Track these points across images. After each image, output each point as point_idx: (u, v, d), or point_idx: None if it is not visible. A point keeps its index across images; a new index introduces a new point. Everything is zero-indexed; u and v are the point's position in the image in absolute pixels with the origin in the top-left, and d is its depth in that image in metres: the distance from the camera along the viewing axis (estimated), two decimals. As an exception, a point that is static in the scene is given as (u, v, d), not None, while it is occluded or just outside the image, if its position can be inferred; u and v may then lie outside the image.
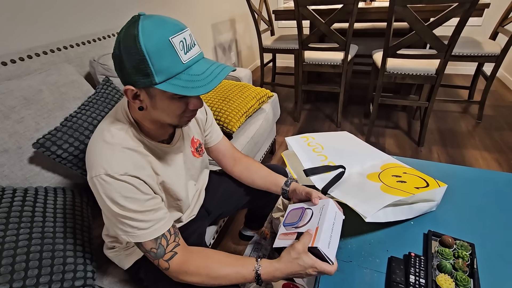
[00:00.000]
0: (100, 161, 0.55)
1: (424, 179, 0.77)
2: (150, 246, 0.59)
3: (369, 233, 0.73)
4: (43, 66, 1.03)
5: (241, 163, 0.90)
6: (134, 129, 0.61)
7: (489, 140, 1.90)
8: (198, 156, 0.83)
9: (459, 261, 0.61)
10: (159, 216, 0.60)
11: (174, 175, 0.71)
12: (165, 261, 0.59)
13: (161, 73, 0.48)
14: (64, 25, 1.23)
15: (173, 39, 0.48)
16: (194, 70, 0.51)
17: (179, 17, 2.05)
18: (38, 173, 0.86)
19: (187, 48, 0.50)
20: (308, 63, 2.07)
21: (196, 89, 0.49)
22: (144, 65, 0.48)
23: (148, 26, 0.48)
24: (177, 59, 0.49)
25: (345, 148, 0.96)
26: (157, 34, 0.47)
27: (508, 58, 2.65)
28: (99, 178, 0.54)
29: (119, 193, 0.55)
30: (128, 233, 0.57)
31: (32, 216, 0.71)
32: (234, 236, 1.36)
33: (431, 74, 1.68)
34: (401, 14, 1.51)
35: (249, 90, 1.47)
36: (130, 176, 0.56)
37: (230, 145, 0.93)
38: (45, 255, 0.65)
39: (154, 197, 0.61)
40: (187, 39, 0.51)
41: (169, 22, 0.50)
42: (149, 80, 0.49)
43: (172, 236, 0.62)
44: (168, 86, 0.49)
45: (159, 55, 0.48)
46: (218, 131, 0.90)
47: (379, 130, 2.12)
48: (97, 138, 0.58)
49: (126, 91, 0.53)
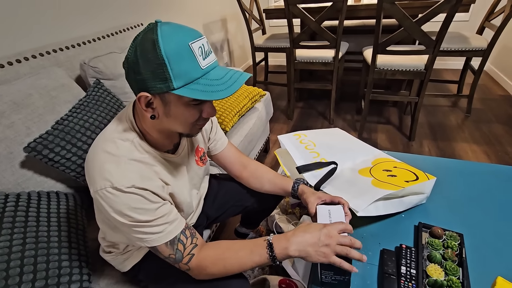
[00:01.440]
0: (104, 174, 0.53)
1: (414, 172, 0.79)
2: (167, 252, 0.58)
3: (362, 227, 0.75)
4: (33, 70, 1.02)
5: (249, 168, 0.89)
6: (140, 139, 0.59)
7: (478, 132, 1.95)
8: (202, 165, 0.82)
9: (448, 251, 0.63)
10: (171, 218, 0.59)
11: (180, 185, 0.70)
12: (184, 264, 0.59)
13: (179, 77, 0.48)
14: (53, 28, 1.21)
15: (192, 44, 0.48)
16: (212, 75, 0.51)
17: (170, 18, 2.03)
18: (31, 178, 0.85)
19: (205, 55, 0.51)
20: (299, 61, 2.09)
21: (216, 93, 0.49)
22: (162, 70, 0.47)
23: (167, 31, 0.48)
24: (196, 64, 0.49)
25: (337, 144, 0.98)
26: (177, 39, 0.48)
27: (495, 52, 2.71)
28: (105, 191, 0.52)
29: (127, 205, 0.53)
30: (143, 240, 0.57)
31: (26, 221, 0.70)
32: (230, 235, 1.37)
33: (420, 70, 1.71)
34: (389, 11, 1.53)
35: (242, 89, 1.48)
36: (137, 188, 0.54)
37: (236, 150, 0.91)
38: (39, 259, 0.65)
39: (164, 203, 0.60)
40: (205, 46, 0.51)
41: (187, 29, 0.50)
42: (167, 85, 0.48)
43: (188, 238, 0.61)
44: (186, 91, 0.49)
45: (179, 59, 0.47)
46: (223, 138, 0.88)
47: (371, 125, 2.15)
48: (100, 149, 0.56)
49: (140, 98, 0.51)
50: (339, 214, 0.63)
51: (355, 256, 0.54)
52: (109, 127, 0.60)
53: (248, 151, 1.44)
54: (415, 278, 0.59)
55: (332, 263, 0.54)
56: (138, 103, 0.53)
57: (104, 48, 1.30)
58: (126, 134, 0.58)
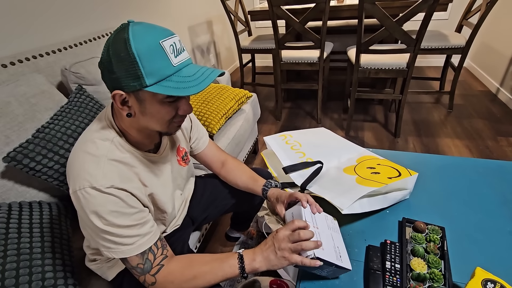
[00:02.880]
0: (84, 173, 0.53)
1: (397, 169, 0.81)
2: (136, 262, 0.57)
3: (348, 224, 0.76)
4: (11, 77, 0.99)
5: (226, 166, 0.90)
6: (120, 138, 0.59)
7: (460, 128, 2.00)
8: (184, 165, 0.82)
9: (430, 245, 0.65)
10: (145, 231, 0.58)
11: (162, 186, 0.69)
12: (151, 276, 0.58)
13: (151, 75, 0.49)
14: (33, 33, 1.19)
15: (163, 43, 0.49)
16: (184, 72, 0.52)
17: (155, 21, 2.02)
18: (11, 188, 0.83)
19: (177, 52, 0.51)
20: (285, 62, 2.10)
21: (187, 89, 0.50)
22: (134, 68, 0.48)
23: (139, 30, 0.49)
24: (168, 62, 0.50)
25: (323, 144, 0.99)
26: (148, 38, 0.48)
27: (474, 49, 2.80)
28: (83, 192, 0.52)
29: (104, 207, 0.53)
30: (110, 249, 0.55)
31: (6, 233, 0.68)
32: (221, 238, 1.36)
33: (403, 68, 1.75)
34: (370, 11, 1.56)
35: (228, 91, 1.48)
36: (116, 189, 0.54)
37: (216, 148, 0.92)
38: (21, 272, 0.63)
39: (142, 210, 0.60)
40: (176, 44, 0.52)
41: (159, 28, 0.51)
42: (139, 83, 0.49)
43: (159, 249, 0.60)
44: (159, 88, 0.49)
45: (150, 57, 0.48)
46: (205, 136, 0.89)
47: (358, 124, 2.18)
48: (80, 149, 0.56)
49: (114, 96, 0.52)
50: (298, 213, 0.64)
51: (310, 247, 0.55)
52: (89, 128, 0.61)
53: (236, 153, 1.44)
54: (400, 273, 0.60)
55: (295, 263, 0.55)
56: (114, 101, 0.53)
57: (86, 53, 1.28)
58: (106, 134, 0.58)
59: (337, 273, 0.61)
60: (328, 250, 0.58)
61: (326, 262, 0.56)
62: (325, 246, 0.58)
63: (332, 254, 0.58)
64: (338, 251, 0.60)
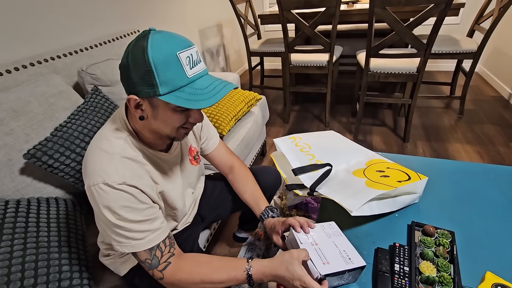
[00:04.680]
0: (98, 170, 0.55)
1: (406, 173, 0.81)
2: (144, 256, 0.59)
3: (356, 226, 0.76)
4: (31, 77, 1.03)
5: (234, 173, 0.91)
6: (132, 138, 0.62)
7: (471, 133, 1.98)
8: (195, 164, 0.84)
9: (440, 249, 0.65)
10: (155, 227, 0.61)
11: (172, 184, 0.71)
12: (159, 271, 0.60)
13: (165, 84, 0.51)
14: (50, 36, 1.23)
15: (180, 54, 0.51)
16: (198, 84, 0.54)
17: (167, 25, 2.06)
18: (30, 184, 0.86)
19: (193, 64, 0.53)
20: (294, 65, 2.12)
21: (198, 102, 0.51)
22: (149, 76, 0.50)
23: (157, 40, 0.50)
24: (182, 73, 0.51)
25: (332, 146, 1.00)
26: (165, 48, 0.50)
27: (486, 54, 2.76)
28: (97, 187, 0.54)
29: (117, 203, 0.55)
30: (121, 243, 0.58)
31: (26, 227, 0.71)
32: (228, 238, 1.38)
33: (413, 72, 1.74)
34: (381, 15, 1.56)
35: (238, 94, 1.50)
36: (128, 185, 0.56)
37: (226, 151, 0.92)
38: (40, 264, 0.66)
39: (152, 206, 0.62)
40: (193, 55, 0.53)
41: (178, 38, 0.53)
42: (153, 90, 0.51)
43: (167, 247, 0.62)
44: (171, 98, 0.51)
45: (165, 67, 0.50)
46: (215, 137, 0.90)
47: (366, 128, 2.17)
48: (95, 147, 0.59)
49: (129, 99, 0.54)
50: (294, 240, 0.65)
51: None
52: (104, 127, 0.63)
53: (245, 155, 1.45)
54: (408, 275, 0.61)
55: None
56: (128, 104, 0.56)
57: (101, 55, 1.32)
58: (120, 133, 0.61)
59: (356, 274, 0.61)
60: (334, 260, 0.58)
61: (337, 273, 0.56)
62: (330, 258, 0.59)
63: (339, 262, 0.58)
64: (346, 254, 0.60)
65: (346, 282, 0.62)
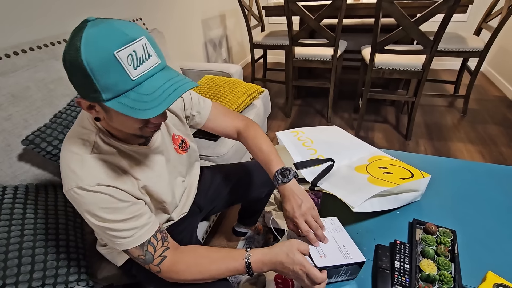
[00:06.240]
0: (70, 173, 0.53)
1: (409, 170, 0.80)
2: (137, 253, 0.58)
3: (357, 222, 0.76)
4: (30, 62, 1.01)
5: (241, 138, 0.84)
6: (103, 135, 0.57)
7: (474, 133, 1.97)
8: (182, 152, 0.80)
9: (441, 247, 0.64)
10: (141, 223, 0.58)
11: (156, 177, 0.68)
12: (155, 266, 0.59)
13: (107, 90, 0.44)
14: (51, 21, 1.21)
15: (119, 53, 0.43)
16: (144, 87, 0.46)
17: (170, 12, 2.01)
18: (28, 170, 0.85)
19: (138, 62, 0.45)
20: (298, 59, 2.09)
21: (143, 111, 0.44)
22: (89, 81, 0.43)
23: (92, 36, 0.42)
24: (125, 76, 0.44)
25: (334, 141, 0.98)
26: (101, 47, 0.42)
27: (492, 53, 2.73)
28: (72, 192, 0.52)
29: (95, 205, 0.53)
30: (111, 242, 0.57)
31: (24, 213, 0.71)
32: (227, 231, 1.38)
33: (418, 69, 1.72)
34: (388, 10, 1.53)
35: (240, 86, 1.48)
36: (103, 185, 0.53)
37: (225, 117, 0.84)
38: (37, 251, 0.66)
39: (135, 203, 0.59)
40: (138, 52, 0.45)
41: (117, 32, 0.44)
42: (97, 96, 0.45)
43: (159, 241, 0.60)
44: (116, 105, 0.45)
45: (104, 72, 0.43)
46: (203, 110, 0.82)
47: (368, 124, 2.16)
48: (66, 148, 0.55)
49: (79, 103, 0.49)
50: (295, 237, 0.65)
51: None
52: (74, 126, 0.59)
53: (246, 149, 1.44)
54: (409, 273, 0.60)
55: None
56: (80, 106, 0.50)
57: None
58: (89, 132, 0.57)
59: (355, 270, 0.61)
60: (331, 255, 0.58)
61: (334, 267, 0.56)
62: (327, 252, 0.58)
63: (337, 257, 0.58)
64: (345, 249, 0.60)
65: (345, 278, 0.62)
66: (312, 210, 0.66)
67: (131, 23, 0.47)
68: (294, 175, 0.71)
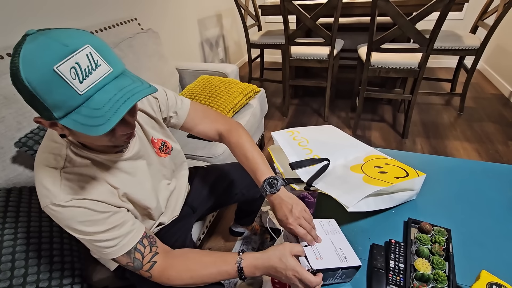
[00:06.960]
0: (43, 190, 0.51)
1: (404, 169, 0.80)
2: (125, 261, 0.57)
3: (352, 222, 0.76)
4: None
5: (225, 142, 0.81)
6: (74, 148, 0.55)
7: (470, 131, 1.97)
8: (164, 155, 0.78)
9: (435, 246, 0.64)
10: (125, 231, 0.57)
11: (137, 183, 0.66)
12: (145, 272, 0.58)
13: (57, 108, 0.41)
14: (44, 22, 1.20)
15: (59, 68, 0.39)
16: (95, 101, 0.42)
17: (165, 13, 2.00)
18: (21, 173, 0.85)
19: (83, 74, 0.41)
20: (295, 58, 2.09)
21: (96, 128, 0.41)
22: (37, 100, 0.40)
23: (29, 53, 0.39)
24: (71, 91, 0.40)
25: (330, 141, 0.98)
26: (39, 64, 0.39)
27: (488, 51, 2.74)
28: (48, 209, 0.51)
29: (73, 219, 0.52)
30: (99, 251, 0.56)
31: (17, 217, 0.70)
32: (224, 231, 1.37)
33: (414, 68, 1.72)
34: (384, 8, 1.53)
35: (236, 86, 1.47)
36: (78, 199, 0.52)
37: (203, 118, 0.80)
38: (31, 254, 0.65)
39: (116, 212, 0.58)
40: (82, 63, 0.41)
41: (55, 45, 0.40)
42: (50, 114, 0.42)
43: (147, 247, 0.59)
44: (69, 122, 0.42)
45: (47, 90, 0.39)
46: (182, 110, 0.78)
47: (365, 123, 2.16)
48: (38, 165, 0.53)
49: (39, 122, 0.46)
50: (291, 238, 0.65)
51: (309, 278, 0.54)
52: (44, 139, 0.57)
53: (243, 147, 1.44)
54: (403, 272, 0.60)
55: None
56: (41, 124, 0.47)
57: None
58: (60, 145, 0.55)
59: (351, 274, 0.60)
60: (328, 257, 0.58)
61: (330, 270, 0.56)
62: (324, 254, 0.58)
63: (333, 260, 0.58)
64: (341, 252, 0.60)
65: (340, 281, 0.62)
66: (304, 212, 0.65)
67: (75, 31, 0.43)
68: (282, 183, 0.69)
